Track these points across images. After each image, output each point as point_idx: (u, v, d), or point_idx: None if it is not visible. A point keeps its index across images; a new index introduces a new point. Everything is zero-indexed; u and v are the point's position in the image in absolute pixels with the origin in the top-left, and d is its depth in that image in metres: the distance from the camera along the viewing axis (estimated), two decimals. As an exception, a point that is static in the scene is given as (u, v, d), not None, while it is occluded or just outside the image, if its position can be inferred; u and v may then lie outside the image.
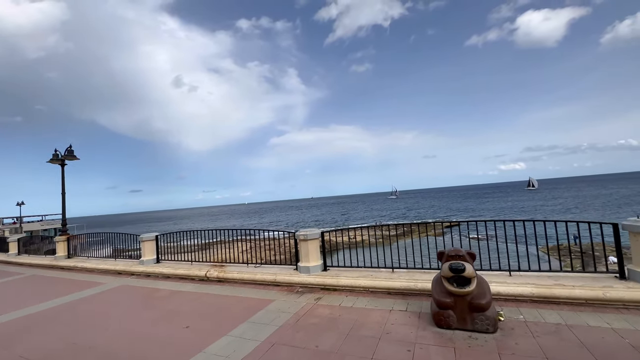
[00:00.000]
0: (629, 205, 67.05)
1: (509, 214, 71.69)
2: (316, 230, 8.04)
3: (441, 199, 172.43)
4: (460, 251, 4.95)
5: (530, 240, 29.35)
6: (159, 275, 9.99)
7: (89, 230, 56.03)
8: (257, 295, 7.31)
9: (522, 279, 5.99)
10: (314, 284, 7.35)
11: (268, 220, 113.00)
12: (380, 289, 6.65)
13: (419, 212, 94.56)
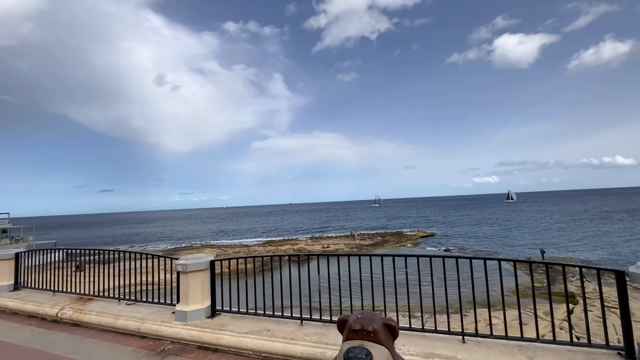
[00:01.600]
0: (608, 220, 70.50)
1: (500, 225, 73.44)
2: (202, 259, 5.69)
3: (426, 208, 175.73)
4: (372, 323, 2.00)
5: (498, 254, 29.01)
6: (5, 310, 7.26)
7: (37, 233, 51.45)
8: (105, 356, 4.94)
9: (481, 351, 3.81)
10: (187, 340, 5.05)
11: (245, 226, 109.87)
12: (275, 355, 4.44)
13: (404, 222, 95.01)
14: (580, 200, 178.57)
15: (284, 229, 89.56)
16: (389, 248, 46.51)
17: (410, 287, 19.94)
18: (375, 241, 51.32)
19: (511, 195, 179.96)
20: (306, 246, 47.51)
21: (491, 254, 39.23)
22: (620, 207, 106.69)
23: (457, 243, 49.36)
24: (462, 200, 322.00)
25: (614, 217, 77.18)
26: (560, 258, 33.07)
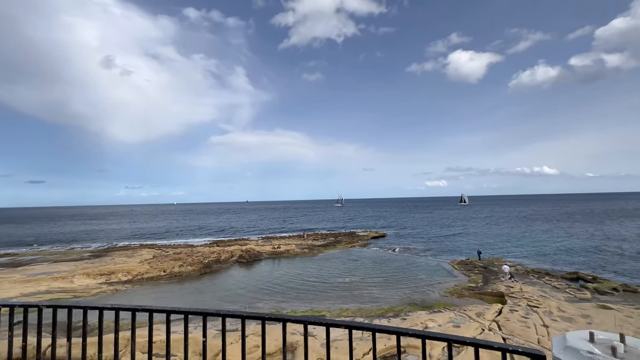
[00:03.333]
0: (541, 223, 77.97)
1: (449, 226, 77.32)
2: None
3: (389, 209, 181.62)
4: None
5: (442, 255, 29.28)
6: None
7: None
8: None
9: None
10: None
11: (195, 225, 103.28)
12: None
13: (362, 223, 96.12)
14: (516, 204, 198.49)
15: (237, 229, 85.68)
16: (341, 249, 46.28)
17: (354, 290, 18.95)
18: (327, 242, 50.84)
19: (464, 199, 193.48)
20: (256, 247, 45.35)
21: (432, 254, 40.86)
22: (552, 212, 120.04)
23: (405, 243, 50.83)
24: (419, 202, 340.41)
25: (546, 220, 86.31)
26: (494, 259, 35.28)
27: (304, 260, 39.48)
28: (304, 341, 2.48)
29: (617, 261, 34.71)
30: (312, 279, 30.08)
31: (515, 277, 26.77)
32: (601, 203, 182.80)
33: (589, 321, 16.48)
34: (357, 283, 28.17)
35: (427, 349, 14.51)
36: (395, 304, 22.30)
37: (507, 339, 14.74)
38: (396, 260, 37.85)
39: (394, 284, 27.40)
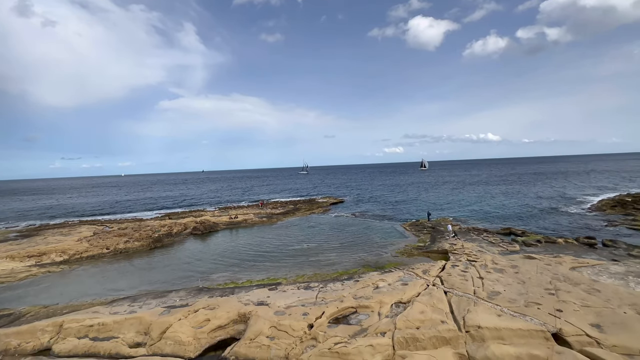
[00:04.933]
0: (485, 185, 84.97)
1: (406, 190, 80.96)
2: None
3: (349, 175, 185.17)
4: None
5: (396, 218, 30.19)
6: None
7: None
8: None
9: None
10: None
11: (146, 197, 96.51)
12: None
13: (327, 189, 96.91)
14: (465, 169, 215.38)
15: (192, 200, 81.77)
16: (300, 216, 46.53)
17: (311, 256, 18.42)
18: (286, 210, 50.69)
19: (424, 164, 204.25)
20: (212, 218, 43.68)
21: (387, 218, 42.93)
22: (493, 175, 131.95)
23: (363, 208, 52.68)
24: (380, 167, 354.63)
25: (488, 182, 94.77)
26: (441, 219, 38.04)
27: (262, 229, 39.06)
28: None
29: (541, 216, 39.48)
30: (269, 248, 29.93)
31: (458, 235, 29.12)
32: (534, 166, 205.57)
33: (516, 270, 18.49)
34: (314, 249, 28.63)
35: (377, 307, 15.27)
36: (350, 267, 23.08)
37: (448, 292, 15.99)
38: (353, 224, 39.10)
39: (350, 248, 28.32)
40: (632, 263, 19.72)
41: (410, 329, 12.76)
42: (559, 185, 76.09)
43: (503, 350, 11.03)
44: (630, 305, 13.44)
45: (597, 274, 18.06)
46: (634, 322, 11.90)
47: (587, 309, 13.18)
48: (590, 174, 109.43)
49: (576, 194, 58.57)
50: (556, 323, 12.02)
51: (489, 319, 12.58)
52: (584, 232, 29.70)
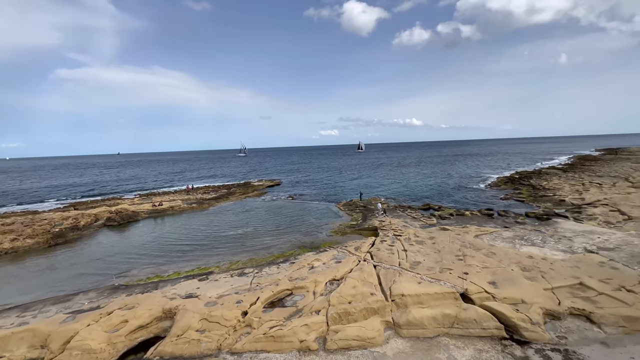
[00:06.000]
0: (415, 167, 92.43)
1: (342, 171, 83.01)
2: None
3: (287, 157, 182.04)
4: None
5: (331, 199, 30.76)
6: None
7: None
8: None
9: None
10: None
11: (44, 185, 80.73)
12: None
13: (266, 172, 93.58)
14: (393, 151, 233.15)
15: (105, 187, 71.35)
16: (234, 200, 44.56)
17: (246, 241, 17.29)
18: (219, 194, 47.93)
19: (361, 146, 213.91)
20: (130, 206, 38.74)
21: (323, 199, 44.13)
22: (416, 157, 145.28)
23: (299, 190, 53.04)
24: (317, 150, 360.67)
25: (412, 164, 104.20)
26: (372, 198, 40.62)
27: (192, 216, 36.29)
28: None
29: (453, 193, 45.28)
30: (200, 235, 28.01)
31: (386, 212, 31.50)
32: (449, 149, 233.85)
33: (433, 241, 20.84)
34: (249, 233, 27.81)
35: (312, 287, 15.58)
36: (286, 249, 23.08)
37: (377, 266, 17.19)
38: (290, 207, 39.09)
39: (286, 230, 28.29)
40: (518, 228, 24.01)
41: (343, 304, 13.35)
42: (468, 166, 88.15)
43: (422, 313, 12.34)
44: (516, 263, 16.33)
45: (493, 239, 21.48)
46: (518, 277, 14.50)
47: (486, 269, 15.57)
48: (491, 155, 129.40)
49: (480, 173, 68.66)
50: (463, 284, 13.92)
51: (410, 287, 13.90)
52: (484, 205, 35.02)
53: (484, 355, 10.45)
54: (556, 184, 44.92)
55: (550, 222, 25.51)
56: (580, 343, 10.66)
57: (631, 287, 13.35)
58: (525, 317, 11.58)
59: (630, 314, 11.51)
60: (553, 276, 14.64)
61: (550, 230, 22.74)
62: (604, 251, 17.79)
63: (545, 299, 12.84)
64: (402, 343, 11.40)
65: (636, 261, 16.08)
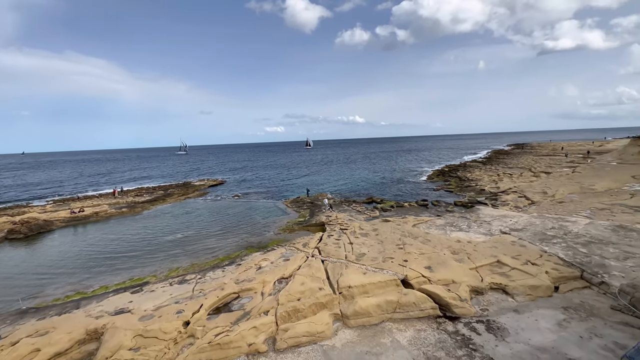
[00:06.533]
0: (360, 162, 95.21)
1: (289, 168, 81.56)
2: None
3: (234, 155, 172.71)
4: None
5: (278, 196, 30.26)
6: None
7: None
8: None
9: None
10: None
11: None
12: None
13: (207, 170, 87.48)
14: (339, 147, 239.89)
15: (10, 194, 59.91)
16: (172, 202, 41.18)
17: (188, 245, 15.87)
18: (155, 196, 43.81)
19: (309, 142, 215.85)
20: (42, 214, 33.08)
21: (270, 196, 43.47)
22: (360, 153, 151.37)
23: (245, 189, 51.34)
24: (263, 147, 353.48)
25: (356, 159, 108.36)
26: (319, 194, 41.29)
27: (121, 221, 32.51)
28: None
29: (394, 186, 48.48)
30: (133, 243, 25.27)
31: (333, 207, 32.29)
32: (390, 145, 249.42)
33: (377, 233, 22.00)
34: (191, 237, 26.01)
35: (260, 288, 15.20)
36: (232, 251, 22.14)
37: (325, 261, 17.50)
38: (235, 206, 37.58)
39: (232, 231, 27.15)
40: (449, 216, 26.70)
41: (292, 301, 13.28)
42: (407, 160, 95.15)
43: (367, 302, 12.93)
44: (447, 247, 18.13)
45: (428, 227, 23.54)
46: (449, 260, 16.12)
47: (423, 255, 16.98)
48: (426, 151, 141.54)
49: (416, 167, 74.66)
50: (403, 271, 14.96)
51: (356, 278, 14.45)
52: (420, 196, 38.18)
53: (422, 334, 11.37)
54: (477, 175, 51.14)
55: (474, 209, 28.94)
56: (499, 313, 12.28)
57: (534, 260, 15.85)
58: (455, 296, 12.92)
59: (534, 284, 13.65)
60: (476, 257, 16.62)
61: (473, 216, 25.77)
62: (515, 232, 20.81)
63: (471, 277, 14.49)
64: (350, 333, 11.81)
65: (538, 238, 19.14)
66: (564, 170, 48.82)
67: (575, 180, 38.83)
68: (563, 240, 18.55)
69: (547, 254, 16.75)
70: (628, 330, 10.64)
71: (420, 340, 11.06)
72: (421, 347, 10.65)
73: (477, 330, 11.31)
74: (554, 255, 16.53)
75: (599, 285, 13.70)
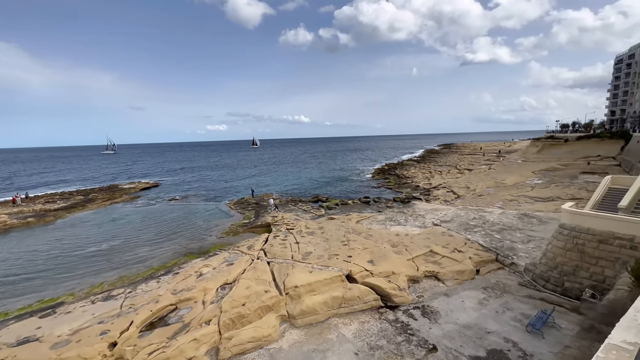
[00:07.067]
0: (306, 161, 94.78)
1: (233, 169, 77.11)
2: None
3: (170, 153, 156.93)
4: None
5: (221, 198, 28.74)
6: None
7: None
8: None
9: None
10: None
11: None
12: None
13: (139, 172, 78.04)
14: (286, 146, 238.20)
15: None
16: (95, 209, 36.23)
17: (114, 256, 13.89)
18: (71, 203, 37.99)
19: (256, 142, 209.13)
20: None
21: (212, 198, 41.19)
22: (307, 152, 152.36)
23: (183, 191, 47.73)
24: (211, 145, 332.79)
25: (303, 159, 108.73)
26: (264, 194, 40.44)
27: (27, 234, 27.48)
28: None
29: (339, 184, 49.96)
30: (43, 258, 21.53)
31: (279, 207, 31.91)
32: (336, 144, 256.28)
33: (322, 231, 22.38)
34: (119, 247, 23.19)
35: (201, 296, 14.25)
36: (169, 259, 20.35)
37: (271, 262, 17.17)
38: (172, 210, 34.64)
39: (169, 237, 24.97)
40: (388, 212, 28.46)
41: (236, 307, 12.72)
42: (351, 160, 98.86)
43: (314, 300, 13.04)
44: (387, 241, 19.29)
45: (370, 223, 24.76)
46: (389, 253, 17.16)
47: (366, 250, 17.78)
48: (368, 150, 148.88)
49: (360, 166, 78.08)
50: (348, 267, 15.46)
51: (303, 278, 14.48)
52: (363, 193, 40.00)
53: (365, 325, 11.88)
54: (413, 173, 55.61)
55: (410, 204, 31.37)
56: (432, 298, 13.47)
57: (460, 248, 17.79)
58: (395, 286, 13.79)
59: (460, 269, 15.31)
60: (413, 248, 18.01)
61: (410, 211, 27.90)
62: (444, 223, 23.10)
63: (408, 267, 15.64)
64: (297, 333, 11.77)
65: (463, 228, 21.55)
66: (483, 168, 55.93)
67: (491, 176, 44.77)
68: (482, 229, 21.20)
69: (470, 241, 18.95)
70: (531, 302, 12.58)
71: (364, 331, 11.54)
72: (365, 338, 11.11)
73: (414, 316, 12.23)
74: (475, 242, 18.77)
75: (510, 266, 15.96)
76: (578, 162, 48.21)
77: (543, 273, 13.83)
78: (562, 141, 60.58)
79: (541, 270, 13.98)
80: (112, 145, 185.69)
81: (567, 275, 12.94)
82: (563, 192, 30.34)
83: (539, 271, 14.12)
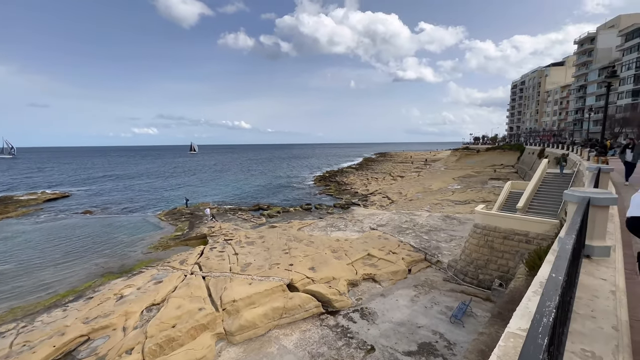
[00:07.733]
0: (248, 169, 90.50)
1: (164, 175, 69.19)
2: None
3: (87, 158, 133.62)
4: None
5: (149, 209, 25.86)
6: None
7: None
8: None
9: None
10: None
11: None
12: None
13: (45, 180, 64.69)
14: (224, 153, 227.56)
15: None
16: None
17: (5, 284, 11.35)
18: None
19: (194, 147, 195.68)
20: None
21: (137, 210, 36.97)
22: (247, 159, 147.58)
23: (101, 202, 41.79)
24: (141, 151, 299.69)
25: (243, 166, 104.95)
26: (200, 204, 37.77)
27: None
28: None
29: (280, 191, 49.47)
30: None
31: (216, 217, 30.11)
32: (279, 152, 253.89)
33: (263, 240, 21.75)
34: (12, 272, 19.07)
35: (122, 322, 12.50)
36: (80, 282, 17.43)
37: (207, 277, 15.98)
38: (86, 225, 29.91)
39: (81, 257, 21.47)
40: (329, 218, 29.12)
41: (165, 330, 11.46)
42: (293, 167, 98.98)
43: (253, 313, 12.48)
44: (328, 247, 19.63)
45: (312, 230, 24.97)
46: (330, 259, 17.46)
47: (307, 257, 17.79)
48: (311, 158, 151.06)
49: (302, 173, 78.67)
50: (289, 275, 15.25)
51: (242, 290, 13.79)
52: (305, 200, 40.29)
53: (307, 334, 11.79)
54: (352, 180, 58.18)
55: (350, 209, 32.62)
56: (370, 300, 14.06)
57: (394, 250, 19.04)
58: (335, 291, 14.04)
59: (394, 269, 16.34)
60: (352, 252, 18.66)
61: (349, 216, 28.99)
62: (380, 227, 24.54)
63: (348, 272, 16.11)
64: (235, 350, 11.09)
65: (396, 231, 23.16)
66: (413, 175, 61.36)
67: (420, 182, 49.34)
68: (413, 231, 23.08)
69: (402, 243, 20.43)
70: (454, 295, 14.03)
71: (305, 340, 11.42)
72: (306, 347, 11.00)
73: (353, 319, 12.57)
74: (407, 243, 20.32)
75: (436, 264, 17.63)
76: (487, 170, 56.23)
77: (462, 268, 15.61)
78: (475, 152, 70.06)
79: (461, 266, 15.76)
80: (10, 149, 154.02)
81: (480, 268, 14.81)
82: (477, 195, 34.95)
83: (459, 266, 15.89)
